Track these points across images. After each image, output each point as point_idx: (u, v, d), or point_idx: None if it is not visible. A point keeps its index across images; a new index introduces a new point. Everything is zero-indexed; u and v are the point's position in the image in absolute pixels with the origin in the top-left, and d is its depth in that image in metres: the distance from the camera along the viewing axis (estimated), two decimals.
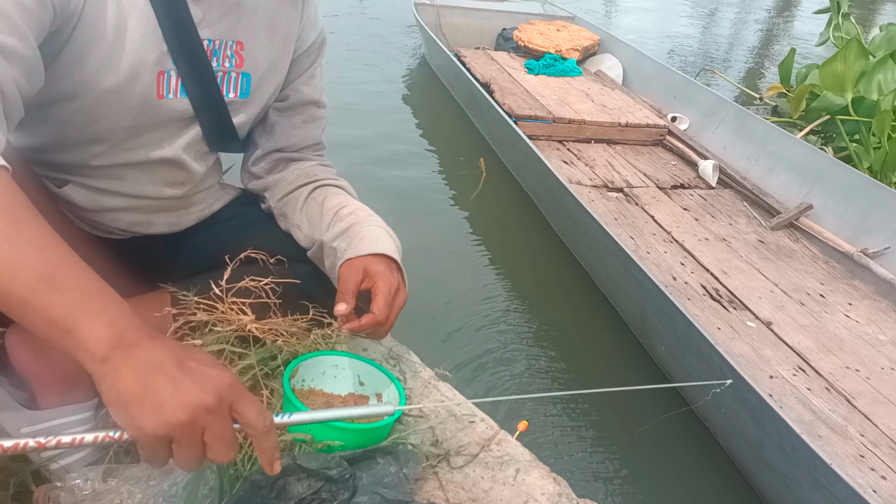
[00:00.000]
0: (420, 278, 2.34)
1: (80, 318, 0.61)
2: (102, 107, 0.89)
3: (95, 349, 0.61)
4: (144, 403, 0.60)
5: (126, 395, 0.60)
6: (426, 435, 1.03)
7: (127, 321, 0.63)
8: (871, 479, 1.60)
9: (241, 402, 0.65)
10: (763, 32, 8.02)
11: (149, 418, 0.60)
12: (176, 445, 0.62)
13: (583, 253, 2.62)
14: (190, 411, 0.61)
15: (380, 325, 0.91)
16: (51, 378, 0.86)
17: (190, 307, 0.98)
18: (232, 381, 0.65)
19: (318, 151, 1.19)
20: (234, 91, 1.02)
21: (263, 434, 0.66)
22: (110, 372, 0.61)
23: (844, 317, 2.23)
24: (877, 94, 3.63)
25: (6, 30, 0.70)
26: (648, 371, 2.15)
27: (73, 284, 0.62)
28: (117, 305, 0.64)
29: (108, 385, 0.61)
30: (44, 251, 0.63)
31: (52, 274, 0.61)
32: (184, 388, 0.61)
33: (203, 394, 0.62)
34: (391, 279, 0.93)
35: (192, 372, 0.63)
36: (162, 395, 0.61)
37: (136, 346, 0.62)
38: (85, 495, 0.80)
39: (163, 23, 0.89)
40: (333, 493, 0.85)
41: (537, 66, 4.18)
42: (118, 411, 0.61)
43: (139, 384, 0.61)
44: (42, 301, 0.60)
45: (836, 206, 2.71)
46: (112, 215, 1.04)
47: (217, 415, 0.63)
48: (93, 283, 0.64)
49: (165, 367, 0.62)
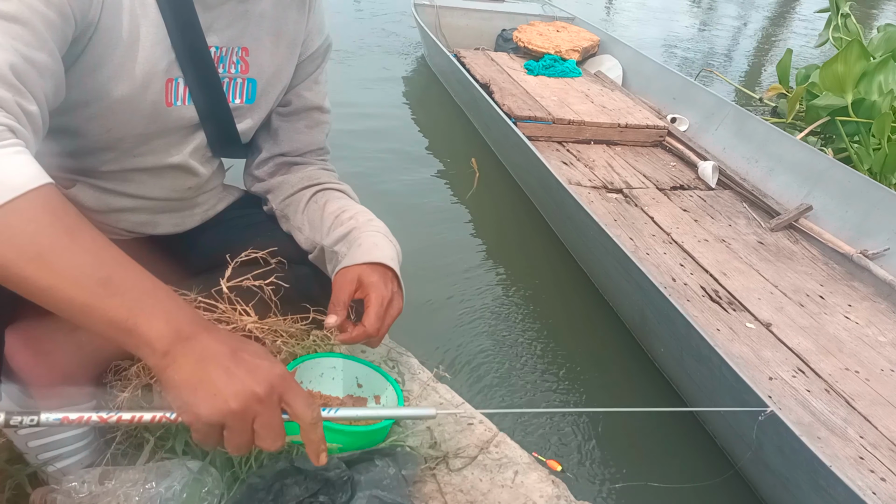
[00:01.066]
0: (419, 280, 2.35)
1: (140, 316, 0.65)
2: (114, 115, 0.89)
3: (157, 344, 0.65)
4: (199, 391, 0.65)
5: (183, 383, 0.65)
6: (424, 437, 1.03)
7: (183, 315, 0.68)
8: (871, 481, 1.60)
9: (291, 393, 0.69)
10: (762, 33, 8.03)
11: (204, 405, 0.64)
12: (227, 431, 0.66)
13: (582, 254, 2.62)
14: (242, 400, 0.65)
15: (370, 337, 0.91)
16: (49, 380, 0.86)
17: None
18: (283, 373, 0.69)
19: (322, 156, 1.19)
20: (239, 97, 1.02)
21: (311, 426, 0.69)
22: (170, 363, 0.65)
23: (844, 318, 2.23)
24: (877, 95, 3.63)
25: (37, 45, 0.72)
26: (647, 373, 2.15)
27: (130, 285, 0.66)
28: (172, 300, 0.68)
29: (167, 376, 0.65)
30: (99, 256, 0.66)
31: (109, 277, 0.65)
32: (237, 378, 0.65)
33: (255, 384, 0.66)
34: (384, 291, 0.93)
35: (246, 363, 0.67)
36: (216, 384, 0.65)
37: (193, 339, 0.66)
38: (81, 498, 0.80)
39: (172, 31, 0.89)
40: (331, 495, 0.85)
41: (537, 66, 4.18)
42: (176, 398, 0.66)
43: (195, 373, 0.65)
44: (103, 304, 0.64)
45: (835, 207, 2.71)
46: (119, 216, 1.04)
47: (267, 405, 0.66)
48: (147, 281, 0.68)
49: (220, 358, 0.66)
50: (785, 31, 8.22)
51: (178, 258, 1.13)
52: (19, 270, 0.63)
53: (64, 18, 0.76)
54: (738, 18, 8.71)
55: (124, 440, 0.94)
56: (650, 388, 2.10)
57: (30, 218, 0.64)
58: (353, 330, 0.91)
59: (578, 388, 2.10)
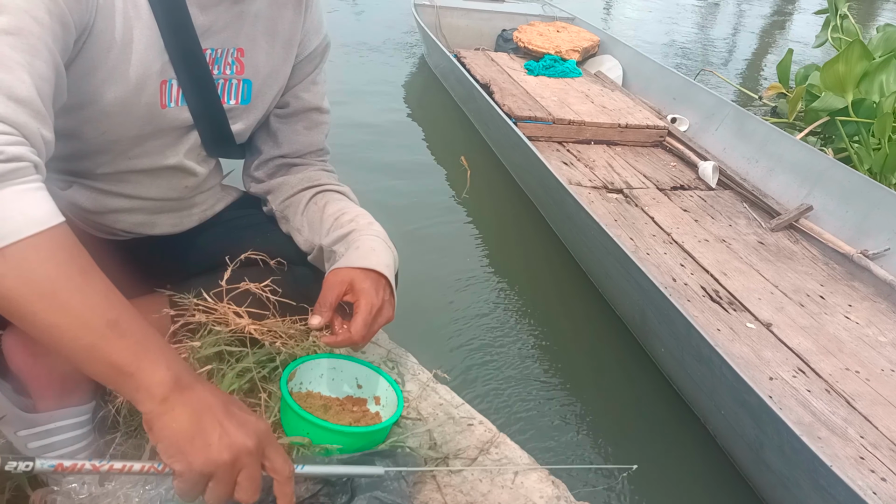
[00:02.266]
0: (419, 280, 2.35)
1: (143, 361, 0.67)
2: (109, 118, 0.89)
3: (156, 390, 0.67)
4: (195, 442, 0.67)
5: (179, 433, 0.67)
6: (424, 438, 1.03)
7: (179, 364, 0.71)
8: (871, 481, 1.60)
9: (272, 448, 0.73)
10: (762, 33, 8.02)
11: (198, 456, 0.67)
12: (214, 482, 0.69)
13: (582, 254, 2.62)
14: (234, 453, 0.68)
15: (355, 343, 0.92)
16: (48, 381, 0.86)
17: (189, 309, 0.98)
18: (267, 428, 0.73)
19: (322, 157, 1.19)
20: (234, 98, 1.02)
21: (287, 479, 0.73)
22: (167, 411, 0.67)
23: (844, 318, 2.23)
24: (878, 95, 3.62)
25: (49, 61, 0.73)
26: (648, 373, 2.15)
27: (135, 329, 0.69)
28: (169, 349, 0.72)
29: (162, 423, 0.67)
30: (108, 298, 0.68)
31: (117, 320, 0.67)
32: (231, 431, 0.69)
33: (246, 438, 0.69)
34: (374, 299, 0.93)
35: (237, 417, 0.71)
36: (211, 436, 0.68)
37: (190, 389, 0.69)
38: (81, 499, 0.80)
39: (165, 33, 0.89)
40: (331, 496, 0.85)
41: (537, 67, 4.18)
42: (169, 447, 0.68)
43: (192, 424, 0.68)
44: (109, 345, 0.66)
45: (836, 207, 2.71)
46: (116, 216, 1.04)
47: (254, 458, 0.70)
48: (148, 327, 0.71)
49: (215, 411, 0.69)
50: (785, 32, 8.21)
51: (177, 259, 1.13)
52: (29, 305, 0.65)
53: (66, 28, 0.76)
54: (737, 18, 8.71)
55: (124, 442, 0.94)
56: (650, 389, 2.10)
57: (47, 255, 0.65)
58: (339, 334, 0.92)
59: (579, 389, 2.10)
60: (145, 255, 1.09)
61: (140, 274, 0.95)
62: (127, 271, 0.80)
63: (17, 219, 0.64)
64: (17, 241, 0.64)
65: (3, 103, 0.67)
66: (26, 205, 0.65)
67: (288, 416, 0.93)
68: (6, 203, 0.64)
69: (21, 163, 0.66)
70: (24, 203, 0.65)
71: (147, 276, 1.01)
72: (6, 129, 0.66)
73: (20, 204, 0.65)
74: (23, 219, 0.64)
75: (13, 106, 0.67)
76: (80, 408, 0.90)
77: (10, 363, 0.85)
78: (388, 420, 0.96)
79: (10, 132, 0.66)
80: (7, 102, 0.67)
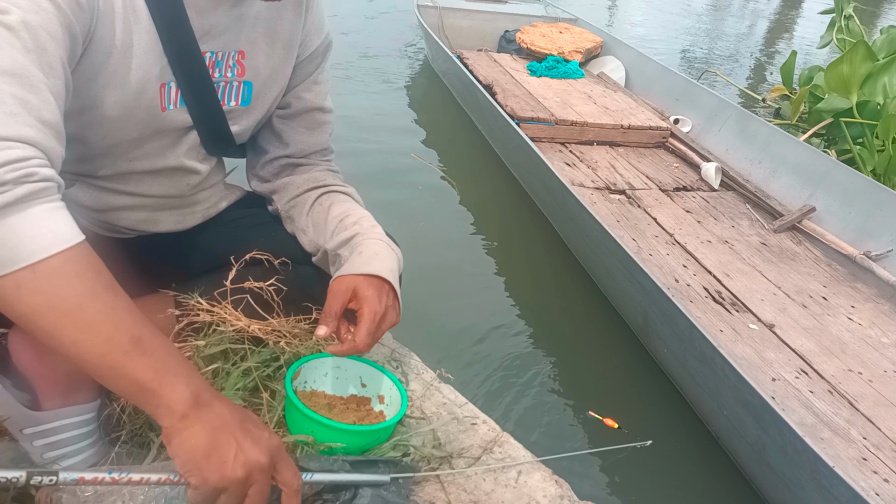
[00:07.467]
0: (423, 281, 2.35)
1: (165, 377, 0.69)
2: (110, 122, 0.90)
3: (177, 406, 0.69)
4: (212, 458, 0.70)
5: (197, 449, 0.70)
6: (428, 437, 1.03)
7: (198, 380, 0.73)
8: (874, 483, 1.60)
9: (283, 463, 0.75)
10: (766, 34, 8.02)
11: (214, 471, 0.69)
12: (226, 496, 0.71)
13: (585, 255, 2.62)
14: (248, 470, 0.71)
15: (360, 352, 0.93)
16: (54, 379, 0.87)
17: (193, 308, 0.98)
18: (280, 443, 0.76)
19: (326, 156, 1.19)
20: (234, 100, 1.02)
21: (295, 492, 0.76)
22: (186, 427, 0.70)
23: (847, 319, 2.23)
24: (882, 97, 3.61)
25: (61, 75, 0.75)
26: (651, 374, 2.15)
27: (157, 346, 0.70)
28: (189, 365, 0.74)
29: (181, 439, 0.70)
30: (132, 314, 0.70)
31: (140, 337, 0.69)
32: (246, 448, 0.71)
33: (260, 455, 0.72)
34: (377, 307, 0.94)
35: (252, 434, 0.73)
36: (227, 454, 0.70)
37: (208, 406, 0.72)
38: (87, 497, 0.80)
39: (163, 36, 0.89)
40: (335, 494, 0.85)
41: (540, 68, 4.18)
42: (186, 461, 0.70)
43: (209, 441, 0.70)
44: (132, 362, 0.68)
45: (839, 208, 2.71)
46: (118, 214, 1.04)
47: (266, 474, 0.73)
48: (169, 344, 0.73)
49: (231, 428, 0.72)
50: (789, 34, 8.21)
51: (181, 258, 1.13)
52: (54, 320, 0.66)
53: (74, 39, 0.78)
54: (740, 19, 8.71)
55: (129, 439, 0.94)
56: (653, 390, 2.10)
57: (76, 272, 0.67)
58: (344, 344, 0.93)
59: (582, 389, 2.10)
60: (150, 254, 1.09)
61: (145, 273, 0.95)
62: (132, 270, 0.80)
63: (48, 236, 0.66)
64: (47, 258, 0.65)
65: (34, 127, 0.69)
66: (55, 223, 0.67)
67: (292, 414, 0.93)
68: (37, 221, 0.66)
69: (49, 183, 0.68)
70: (53, 221, 0.67)
71: (152, 275, 1.02)
72: (37, 154, 0.68)
73: (49, 222, 0.67)
74: (52, 236, 0.66)
75: (43, 129, 0.69)
76: (85, 406, 0.90)
77: (16, 362, 0.86)
78: (391, 419, 0.96)
79: (39, 155, 0.68)
80: (38, 126, 0.69)
